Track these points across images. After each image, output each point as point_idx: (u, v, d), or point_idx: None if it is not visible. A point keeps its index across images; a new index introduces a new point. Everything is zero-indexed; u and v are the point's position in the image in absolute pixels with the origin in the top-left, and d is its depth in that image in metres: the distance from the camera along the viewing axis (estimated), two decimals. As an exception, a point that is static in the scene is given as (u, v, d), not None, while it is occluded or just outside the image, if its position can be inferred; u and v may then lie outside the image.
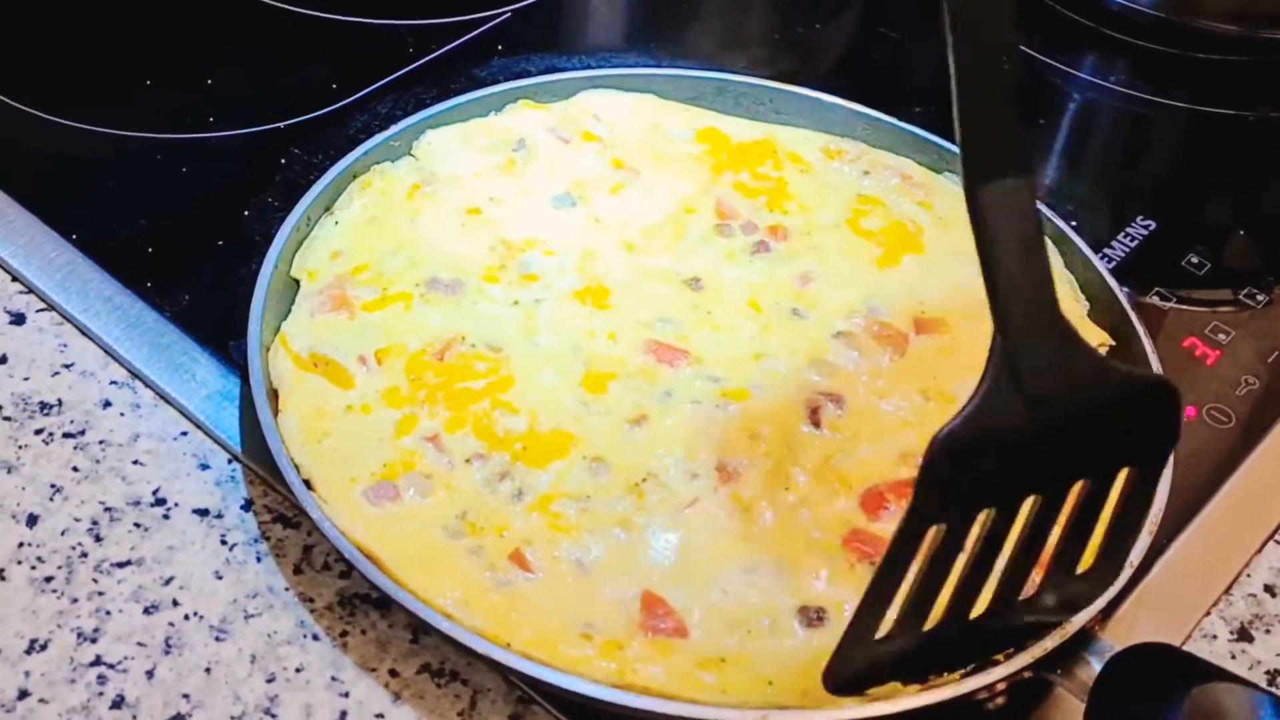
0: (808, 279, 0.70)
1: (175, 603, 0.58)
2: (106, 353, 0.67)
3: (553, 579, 0.57)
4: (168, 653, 0.56)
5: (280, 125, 0.80)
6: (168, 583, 0.59)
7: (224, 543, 0.60)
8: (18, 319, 0.69)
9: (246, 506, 0.62)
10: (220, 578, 0.59)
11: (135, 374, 0.66)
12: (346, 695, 0.56)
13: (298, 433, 0.60)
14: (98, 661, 0.56)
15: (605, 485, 0.60)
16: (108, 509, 0.61)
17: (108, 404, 0.65)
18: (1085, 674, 0.54)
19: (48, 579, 0.58)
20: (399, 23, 0.88)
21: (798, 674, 0.54)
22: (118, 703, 0.55)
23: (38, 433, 0.64)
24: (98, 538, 0.60)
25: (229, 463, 0.63)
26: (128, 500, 0.62)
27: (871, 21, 0.93)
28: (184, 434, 0.64)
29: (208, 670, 0.56)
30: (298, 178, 0.75)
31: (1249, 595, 0.62)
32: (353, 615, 0.58)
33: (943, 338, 0.68)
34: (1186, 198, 0.83)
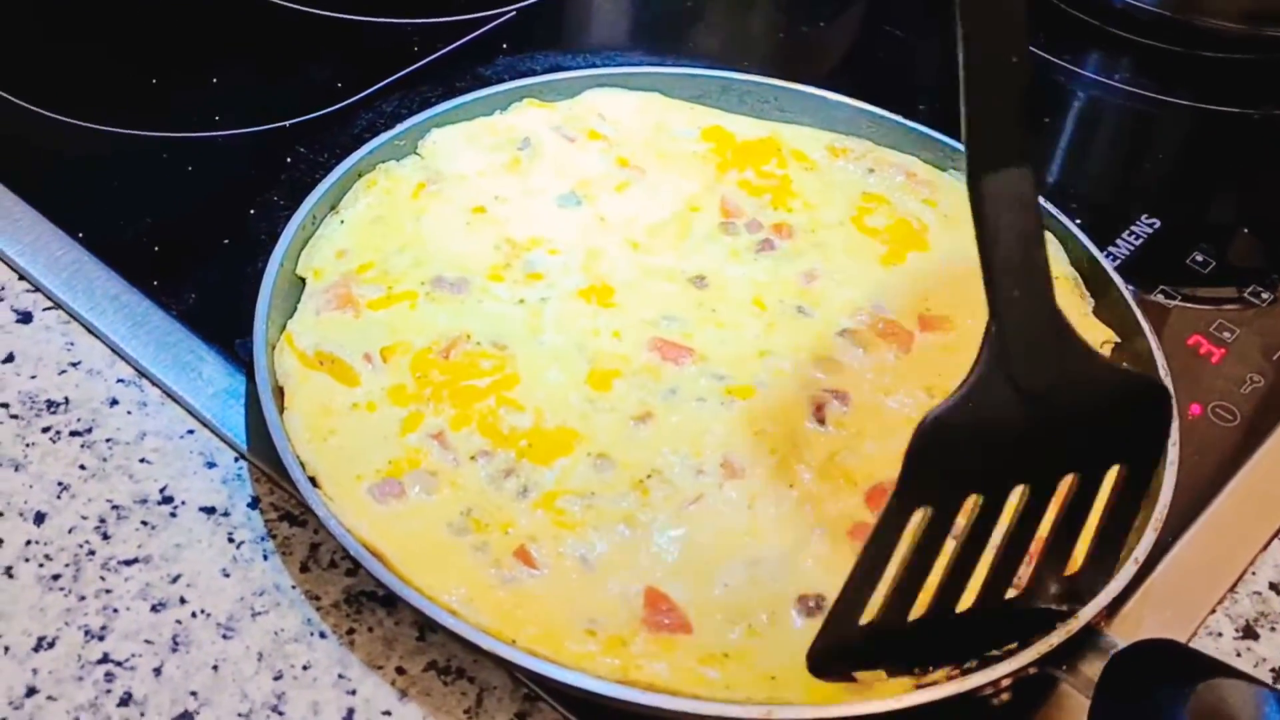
0: (812, 277, 0.70)
1: (182, 600, 0.58)
2: (113, 351, 0.67)
3: (558, 575, 0.57)
4: (175, 650, 0.57)
5: (286, 124, 0.80)
6: (175, 580, 0.59)
7: (231, 540, 0.60)
8: (25, 317, 0.69)
9: (253, 504, 0.62)
10: (227, 575, 0.59)
11: (142, 372, 0.67)
12: (353, 693, 0.56)
13: (303, 430, 0.61)
14: (105, 659, 0.56)
15: (610, 482, 0.60)
16: (115, 507, 0.61)
17: (114, 402, 0.66)
18: (1090, 670, 0.54)
19: (55, 577, 0.59)
20: (404, 21, 0.88)
21: (801, 669, 0.54)
22: (125, 700, 0.55)
23: (45, 431, 0.64)
24: (105, 535, 0.60)
25: (235, 461, 0.64)
26: (135, 498, 0.62)
27: (876, 19, 0.93)
28: (190, 432, 0.65)
29: (215, 668, 0.56)
30: (303, 176, 0.75)
31: (1254, 593, 0.62)
32: (359, 613, 0.58)
33: (948, 335, 0.68)
34: (1191, 196, 0.83)
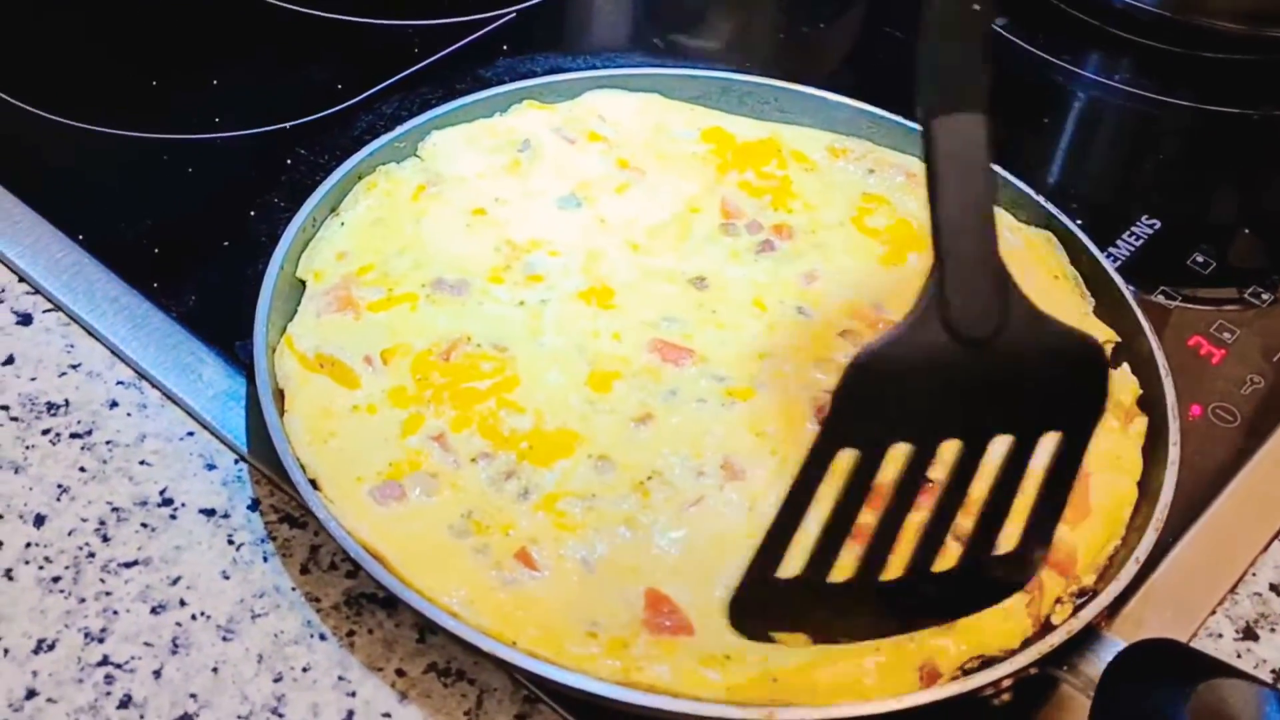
0: (813, 278, 0.70)
1: (182, 603, 0.58)
2: (113, 353, 0.67)
3: (558, 577, 0.57)
4: (175, 652, 0.57)
5: (286, 126, 0.80)
6: (175, 582, 0.59)
7: (231, 543, 0.60)
8: (24, 319, 0.69)
9: (253, 506, 0.62)
10: (227, 578, 0.59)
11: (142, 374, 0.67)
12: (353, 695, 0.56)
13: (304, 433, 0.61)
14: (105, 661, 0.56)
15: (610, 484, 0.60)
16: (115, 509, 0.61)
17: (114, 404, 0.65)
18: (1091, 670, 0.54)
19: (55, 579, 0.59)
20: (404, 23, 0.88)
21: (804, 669, 0.54)
22: (125, 702, 0.55)
23: (45, 433, 0.64)
24: (105, 538, 0.60)
25: (235, 463, 0.64)
26: (135, 500, 0.62)
27: (876, 20, 0.93)
28: (190, 434, 0.65)
29: (215, 670, 0.56)
30: (303, 178, 0.75)
31: (1254, 594, 0.62)
32: (359, 615, 0.58)
33: (948, 336, 0.68)
34: (1191, 196, 0.83)
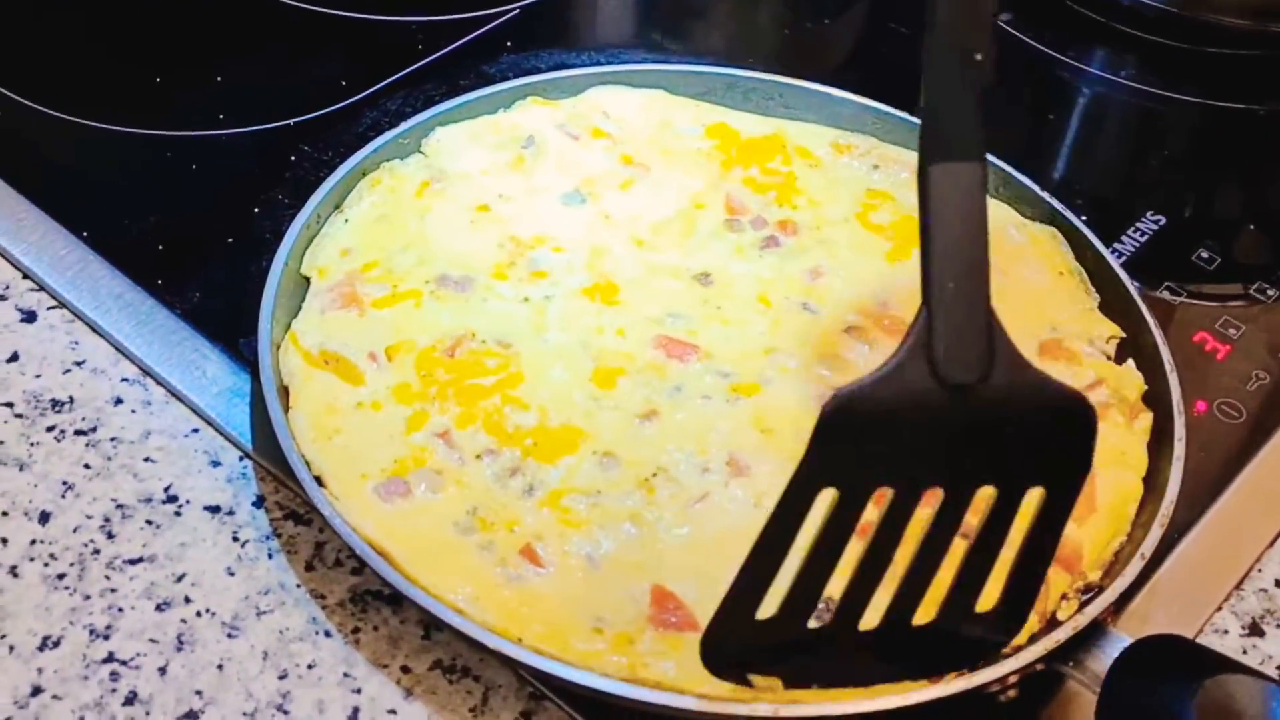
0: (818, 274, 0.70)
1: (187, 599, 0.58)
2: (117, 350, 0.67)
3: (563, 574, 0.57)
4: (180, 649, 0.57)
5: (290, 122, 0.80)
6: (180, 579, 0.59)
7: (236, 539, 0.60)
8: (29, 316, 0.69)
9: (258, 503, 0.62)
10: (232, 574, 0.59)
11: (146, 371, 0.67)
12: (359, 692, 0.56)
13: (308, 429, 0.61)
14: (110, 658, 0.56)
15: (615, 480, 0.60)
16: (119, 506, 0.61)
17: (119, 401, 0.65)
18: (1098, 666, 0.54)
19: (60, 576, 0.59)
20: (408, 19, 0.88)
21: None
22: (130, 699, 0.55)
23: (49, 430, 0.64)
24: (110, 535, 0.60)
25: (240, 460, 0.64)
26: (139, 497, 0.62)
27: (880, 16, 0.93)
28: (195, 431, 0.65)
29: (220, 667, 0.56)
30: (307, 175, 0.75)
31: (1260, 590, 0.62)
32: (364, 612, 0.58)
33: (953, 332, 0.68)
34: (1197, 192, 0.83)
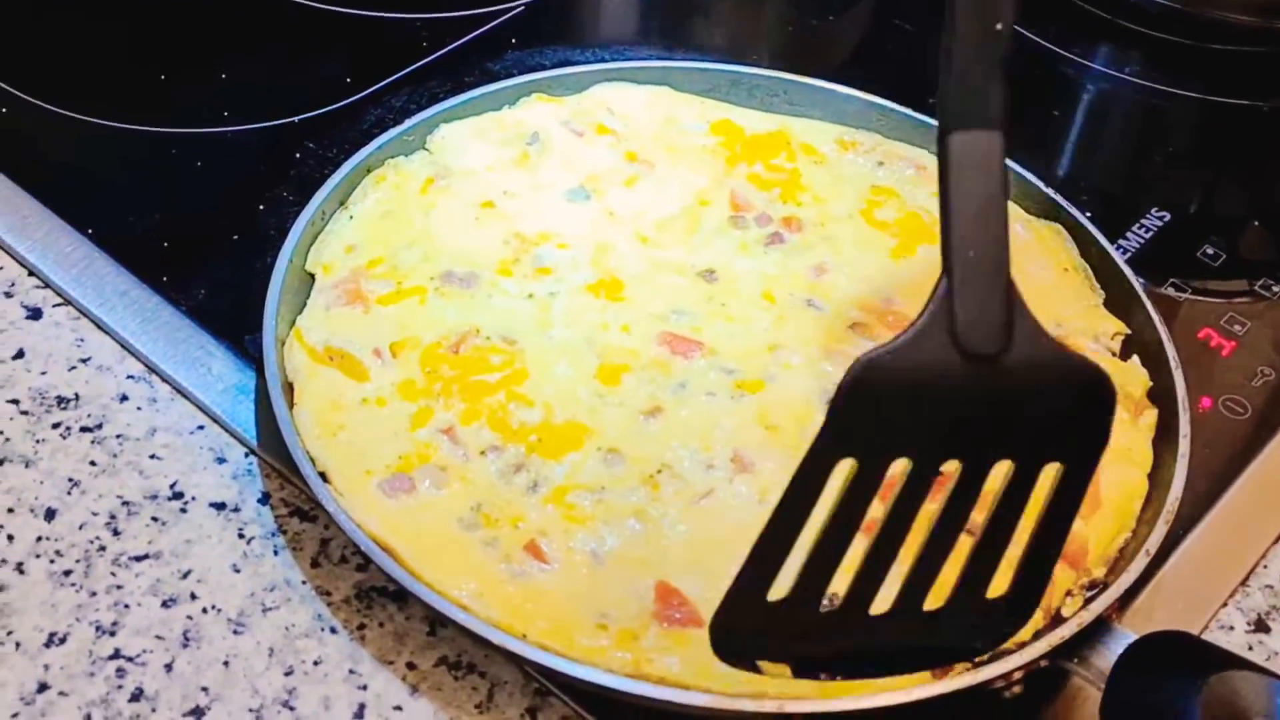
0: (822, 270, 0.70)
1: (193, 596, 0.58)
2: (123, 347, 0.68)
3: (568, 570, 0.57)
4: (186, 646, 0.57)
5: (294, 120, 0.80)
6: (185, 576, 0.59)
7: (241, 536, 0.60)
8: (34, 314, 0.69)
9: (263, 500, 0.62)
10: (238, 571, 0.59)
11: (151, 368, 0.67)
12: (364, 688, 0.56)
13: (313, 426, 0.61)
14: (116, 655, 0.56)
15: (620, 476, 0.60)
16: (125, 503, 0.61)
17: (124, 398, 0.66)
18: (1102, 662, 0.54)
19: (66, 573, 0.59)
20: (412, 16, 0.88)
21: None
22: (136, 695, 0.55)
23: (55, 427, 0.64)
24: (115, 531, 0.60)
25: (245, 456, 0.64)
26: (145, 494, 0.62)
27: (885, 13, 0.93)
28: (200, 428, 0.65)
29: (226, 663, 0.56)
30: (312, 172, 0.75)
31: (1266, 586, 0.62)
32: (370, 608, 0.58)
33: (958, 329, 0.68)
34: (1201, 188, 0.83)
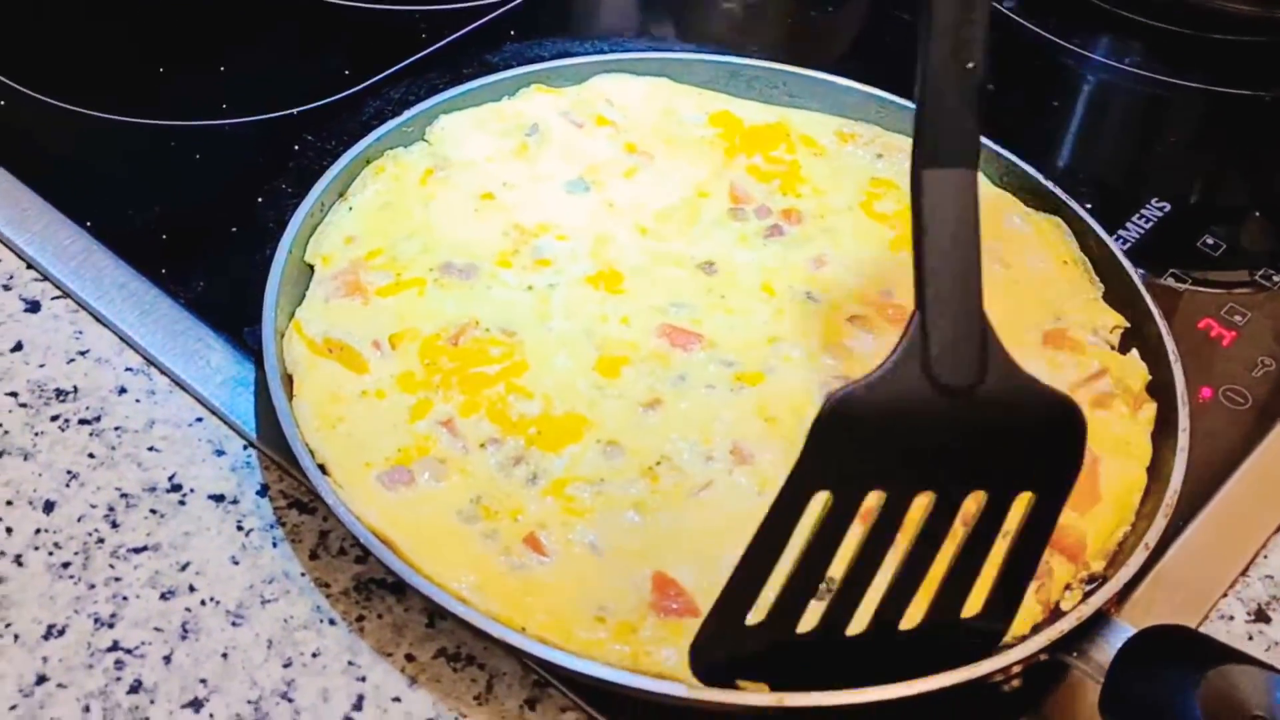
0: (821, 262, 0.70)
1: (192, 588, 0.58)
2: (121, 339, 0.67)
3: (567, 562, 0.57)
4: (184, 638, 0.57)
5: (294, 112, 0.80)
6: (184, 568, 0.59)
7: (240, 528, 0.60)
8: (33, 306, 0.69)
9: (262, 492, 0.62)
10: (236, 563, 0.59)
11: (150, 360, 0.67)
12: (363, 679, 0.56)
13: (312, 418, 0.61)
14: (115, 647, 0.56)
15: (619, 469, 0.60)
16: (124, 495, 0.61)
17: (123, 390, 0.66)
18: (1101, 656, 0.54)
19: (65, 565, 0.59)
20: (411, 8, 0.88)
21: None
22: (135, 687, 0.55)
23: (53, 419, 0.64)
24: (114, 524, 0.60)
25: (244, 448, 0.64)
26: (144, 486, 0.62)
27: (884, 4, 0.93)
28: (199, 420, 0.65)
29: (224, 655, 0.56)
30: (311, 164, 0.75)
31: (1266, 576, 0.62)
32: (369, 600, 0.58)
33: (957, 321, 0.67)
34: (1202, 179, 0.83)
